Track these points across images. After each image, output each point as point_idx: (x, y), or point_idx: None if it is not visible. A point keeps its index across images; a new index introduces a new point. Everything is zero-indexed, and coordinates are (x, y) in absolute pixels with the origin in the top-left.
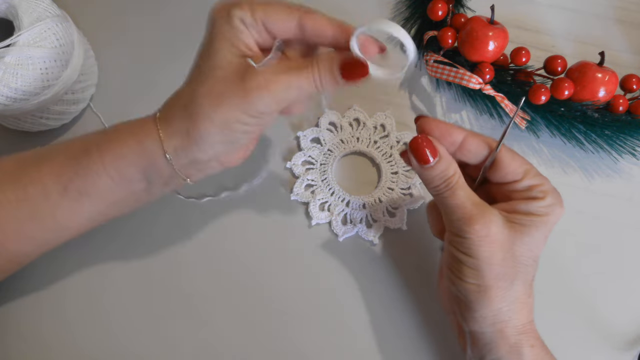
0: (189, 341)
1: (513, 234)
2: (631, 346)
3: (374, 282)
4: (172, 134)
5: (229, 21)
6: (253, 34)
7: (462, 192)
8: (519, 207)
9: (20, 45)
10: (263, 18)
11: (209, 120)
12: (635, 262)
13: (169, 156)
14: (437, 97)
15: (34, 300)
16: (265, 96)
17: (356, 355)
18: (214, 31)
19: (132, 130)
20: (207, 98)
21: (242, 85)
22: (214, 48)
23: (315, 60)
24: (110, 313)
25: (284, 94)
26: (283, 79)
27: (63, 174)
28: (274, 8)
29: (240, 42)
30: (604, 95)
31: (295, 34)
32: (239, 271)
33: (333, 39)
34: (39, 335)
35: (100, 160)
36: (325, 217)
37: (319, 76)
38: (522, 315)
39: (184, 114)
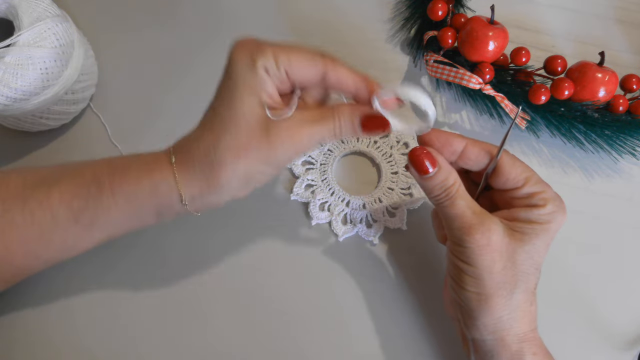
0: (190, 340)
1: (514, 242)
2: (631, 346)
3: (374, 282)
4: (190, 181)
5: (253, 70)
6: (275, 82)
7: (462, 202)
8: (519, 215)
9: (20, 45)
10: (287, 67)
11: (232, 172)
12: (635, 262)
13: (185, 203)
14: (437, 97)
15: (42, 308)
16: (289, 150)
17: (356, 355)
18: (235, 78)
19: (146, 169)
20: (230, 149)
21: (267, 139)
22: (237, 96)
23: (336, 112)
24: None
25: (306, 146)
26: (306, 132)
27: (73, 203)
28: (297, 57)
29: (263, 92)
30: (604, 95)
31: (316, 83)
32: (239, 271)
33: (355, 91)
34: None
35: (112, 195)
36: (325, 217)
37: (339, 128)
38: (523, 324)
39: (204, 162)
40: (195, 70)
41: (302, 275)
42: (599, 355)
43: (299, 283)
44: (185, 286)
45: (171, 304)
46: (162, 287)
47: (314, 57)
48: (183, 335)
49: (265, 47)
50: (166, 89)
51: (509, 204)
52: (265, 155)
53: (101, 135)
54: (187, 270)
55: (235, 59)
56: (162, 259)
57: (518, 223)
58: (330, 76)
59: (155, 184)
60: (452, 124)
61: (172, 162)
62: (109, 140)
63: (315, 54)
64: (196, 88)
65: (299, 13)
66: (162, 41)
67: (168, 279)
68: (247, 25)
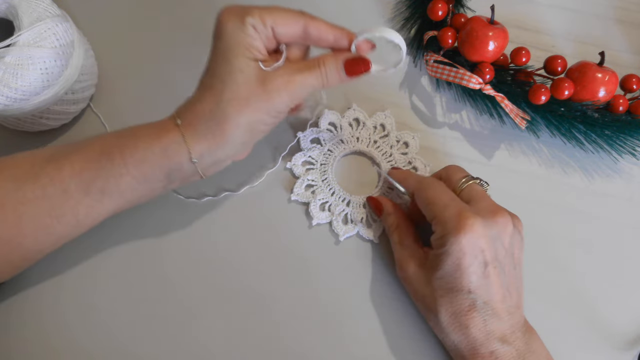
0: (189, 340)
1: (425, 272)
2: (631, 346)
3: (375, 281)
4: (197, 139)
5: (242, 28)
6: (263, 38)
7: (395, 238)
8: (431, 245)
9: (20, 45)
10: (272, 24)
11: (235, 123)
12: (635, 262)
13: (195, 160)
14: (437, 97)
15: (33, 297)
16: (284, 96)
17: (356, 355)
18: (227, 38)
19: (154, 135)
20: (232, 102)
21: (264, 88)
22: (231, 54)
23: (321, 60)
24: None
25: (299, 93)
26: (298, 80)
27: (84, 175)
28: (281, 15)
29: (253, 47)
30: (604, 95)
31: (299, 38)
32: (239, 271)
33: (334, 42)
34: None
35: (123, 163)
36: (325, 217)
37: (326, 75)
38: (459, 339)
39: (209, 118)
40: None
41: (303, 275)
42: (599, 355)
43: (300, 283)
44: (184, 286)
45: (170, 303)
46: (161, 286)
47: (295, 15)
48: (182, 335)
49: (251, 8)
50: (166, 88)
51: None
52: (264, 104)
53: None
54: (187, 270)
55: (225, 21)
56: (161, 258)
57: (430, 252)
58: (311, 30)
59: (164, 146)
60: (452, 124)
61: (178, 124)
62: None
63: (298, 12)
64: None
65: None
66: (162, 41)
67: (167, 278)
68: None
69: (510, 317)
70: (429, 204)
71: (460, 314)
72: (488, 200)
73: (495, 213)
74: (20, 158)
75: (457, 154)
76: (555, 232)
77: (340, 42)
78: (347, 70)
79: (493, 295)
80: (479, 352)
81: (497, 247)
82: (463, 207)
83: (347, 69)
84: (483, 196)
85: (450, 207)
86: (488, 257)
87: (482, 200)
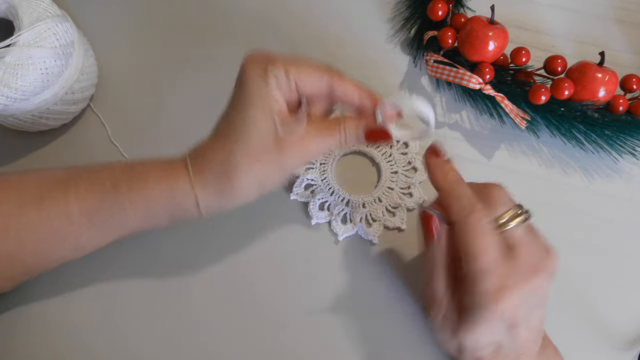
0: (188, 339)
1: (451, 321)
2: (631, 346)
3: (374, 281)
4: (206, 188)
5: (265, 79)
6: (284, 90)
7: (433, 272)
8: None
9: (20, 45)
10: (296, 78)
11: (245, 178)
12: (635, 262)
13: (201, 207)
14: (437, 97)
15: (41, 304)
16: (298, 159)
17: (356, 354)
18: (248, 88)
19: (164, 176)
20: (244, 157)
21: (278, 147)
22: (250, 106)
23: (342, 124)
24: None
25: (314, 155)
26: (314, 144)
27: (89, 204)
28: (306, 69)
29: (273, 101)
30: (604, 95)
31: (322, 94)
32: (238, 271)
33: (359, 104)
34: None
35: (129, 199)
36: (324, 217)
37: (344, 139)
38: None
39: (219, 169)
40: (196, 70)
41: (302, 274)
42: (599, 355)
43: (299, 282)
44: (183, 285)
45: (169, 302)
46: (160, 285)
47: (322, 71)
48: (181, 334)
49: (276, 59)
50: (166, 88)
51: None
52: (276, 163)
53: (101, 135)
54: (186, 270)
55: (248, 70)
56: (160, 257)
57: (459, 300)
58: (337, 89)
59: (172, 190)
60: (452, 124)
61: (188, 168)
62: (109, 140)
63: (323, 67)
64: (196, 87)
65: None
66: (162, 41)
67: (166, 277)
68: (246, 25)
69: (529, 350)
70: (468, 260)
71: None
72: (531, 252)
73: (536, 272)
74: (27, 179)
75: (457, 154)
76: (555, 232)
77: (365, 104)
78: (367, 138)
79: (517, 345)
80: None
81: (530, 308)
82: (503, 276)
83: (367, 137)
84: (527, 243)
85: (491, 274)
86: (518, 320)
87: (525, 250)
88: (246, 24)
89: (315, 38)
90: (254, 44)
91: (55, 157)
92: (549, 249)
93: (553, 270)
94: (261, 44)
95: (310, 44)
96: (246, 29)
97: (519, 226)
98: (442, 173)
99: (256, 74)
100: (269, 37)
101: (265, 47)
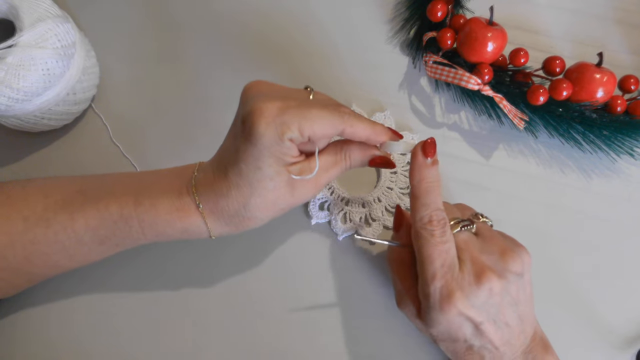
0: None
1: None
2: (630, 345)
3: (373, 280)
4: (219, 226)
5: (279, 142)
6: (298, 145)
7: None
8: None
9: (21, 46)
10: (310, 134)
11: (260, 220)
12: (633, 261)
13: (212, 236)
14: (436, 97)
15: (42, 309)
16: (309, 195)
17: (355, 354)
18: (261, 147)
19: (175, 214)
20: (259, 207)
21: (292, 194)
22: (264, 163)
23: (347, 155)
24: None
25: (322, 187)
26: (324, 180)
27: (100, 231)
28: (320, 123)
29: (287, 156)
30: (602, 96)
31: (332, 136)
32: (238, 271)
33: (365, 139)
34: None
35: (141, 232)
36: (324, 216)
37: (349, 166)
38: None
39: (233, 215)
40: (196, 70)
41: (302, 274)
42: (598, 354)
43: (298, 282)
44: (182, 288)
45: (169, 303)
46: (160, 286)
47: (335, 122)
48: (181, 334)
49: (290, 121)
50: (167, 89)
51: None
52: (289, 204)
53: (103, 136)
54: (186, 270)
55: (261, 133)
56: (161, 259)
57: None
58: (347, 133)
59: (185, 226)
60: (451, 125)
61: (199, 208)
62: (110, 141)
63: (335, 116)
64: (196, 88)
65: (298, 14)
66: (163, 41)
67: (166, 279)
68: (247, 26)
69: (511, 347)
70: (419, 264)
71: (459, 354)
72: (477, 257)
73: (482, 276)
74: (31, 193)
75: (455, 154)
76: (553, 232)
77: (371, 141)
78: (370, 164)
79: (490, 341)
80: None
81: (487, 308)
82: (449, 279)
83: (372, 164)
84: (474, 248)
85: (436, 279)
86: (479, 320)
87: (473, 255)
88: (246, 24)
89: (315, 39)
90: (254, 46)
91: (57, 157)
92: (505, 251)
93: (518, 270)
94: (261, 44)
95: (310, 45)
96: (247, 30)
97: (462, 233)
98: (420, 176)
99: (271, 139)
100: (269, 38)
101: (265, 49)
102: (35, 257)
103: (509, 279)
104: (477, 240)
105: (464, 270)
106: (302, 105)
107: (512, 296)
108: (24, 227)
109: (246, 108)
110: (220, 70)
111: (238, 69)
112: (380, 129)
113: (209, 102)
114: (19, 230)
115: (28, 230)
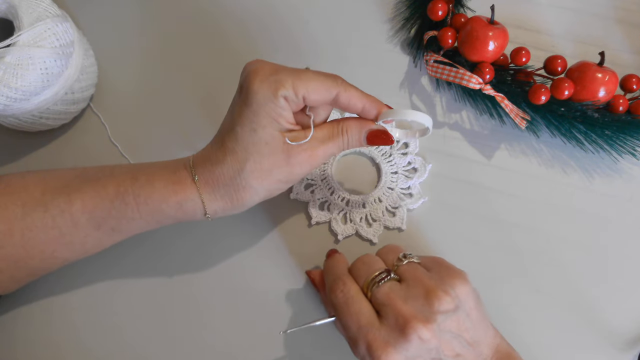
0: (188, 339)
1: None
2: (631, 346)
3: None
4: (214, 199)
5: (275, 101)
6: (293, 107)
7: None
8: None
9: (20, 45)
10: (305, 94)
11: (255, 192)
12: (635, 262)
13: (209, 216)
14: (437, 97)
15: (43, 304)
16: (306, 168)
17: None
18: (257, 107)
19: (170, 187)
20: (254, 173)
21: (288, 161)
22: (259, 124)
23: (344, 128)
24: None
25: (320, 163)
26: (321, 152)
27: (96, 213)
28: (315, 85)
29: (282, 118)
30: (604, 95)
31: (327, 103)
32: (238, 270)
33: (362, 111)
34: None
35: (137, 209)
36: (325, 217)
37: (347, 142)
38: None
39: (229, 184)
40: (195, 70)
41: (302, 274)
42: (599, 354)
43: (298, 282)
44: (184, 285)
45: (170, 302)
46: (161, 285)
47: (329, 84)
48: (182, 334)
49: (284, 79)
50: (166, 88)
51: None
52: (285, 175)
53: (101, 135)
54: (187, 269)
55: (255, 90)
56: (161, 258)
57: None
58: (342, 98)
59: (180, 200)
60: (452, 124)
61: (195, 180)
62: (108, 140)
63: (329, 79)
64: (195, 87)
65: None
66: (162, 41)
67: (167, 277)
68: (246, 26)
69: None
70: (340, 327)
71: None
72: (400, 308)
73: (406, 328)
74: (30, 182)
75: (457, 154)
76: (555, 232)
77: (368, 112)
78: (369, 141)
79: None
80: None
81: (426, 354)
82: (371, 339)
83: (369, 139)
84: (393, 299)
85: (359, 342)
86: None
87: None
88: (246, 24)
89: (315, 38)
90: (254, 45)
91: (55, 157)
92: (429, 293)
93: (448, 308)
94: (261, 45)
95: (310, 44)
96: (246, 30)
97: (381, 287)
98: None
99: (265, 96)
100: (269, 38)
101: (266, 47)
102: (32, 246)
103: (438, 321)
104: (402, 287)
105: (387, 325)
106: (297, 69)
107: (452, 331)
108: (22, 212)
109: (243, 75)
110: (220, 69)
111: (237, 67)
112: (375, 98)
113: (208, 101)
114: (17, 216)
115: (26, 215)
